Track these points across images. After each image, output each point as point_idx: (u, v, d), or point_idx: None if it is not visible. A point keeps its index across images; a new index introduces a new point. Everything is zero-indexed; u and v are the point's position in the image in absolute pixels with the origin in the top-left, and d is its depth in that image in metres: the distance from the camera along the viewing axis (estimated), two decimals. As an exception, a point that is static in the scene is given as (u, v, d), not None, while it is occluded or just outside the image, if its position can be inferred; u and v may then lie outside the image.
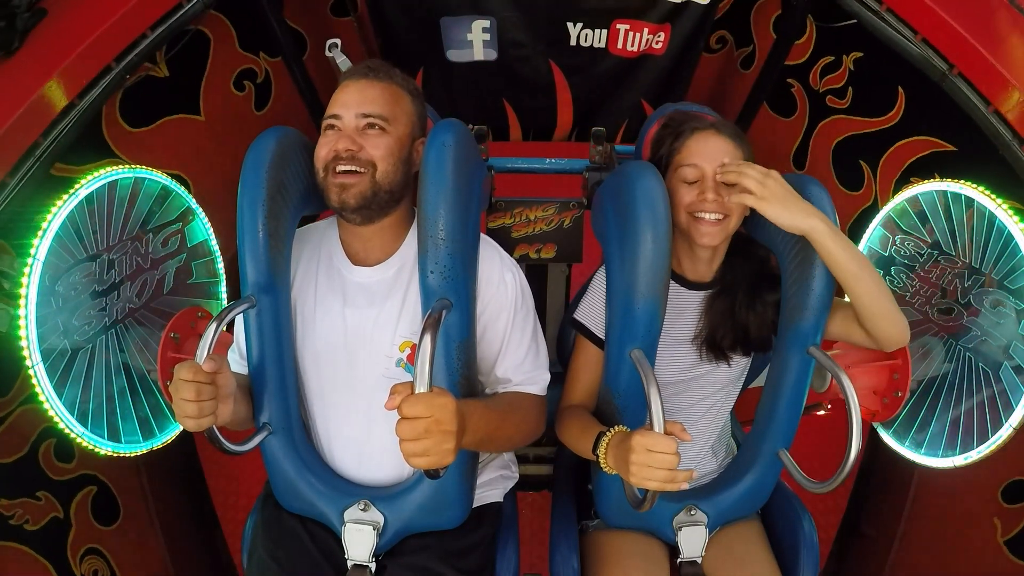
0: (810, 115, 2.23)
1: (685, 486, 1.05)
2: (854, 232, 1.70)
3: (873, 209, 1.67)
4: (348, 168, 1.16)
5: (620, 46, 2.40)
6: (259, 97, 2.20)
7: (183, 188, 1.54)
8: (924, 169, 1.77)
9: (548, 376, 1.31)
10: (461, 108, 2.63)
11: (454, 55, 2.44)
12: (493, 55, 2.43)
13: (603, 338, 1.31)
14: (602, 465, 1.14)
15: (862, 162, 1.99)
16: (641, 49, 2.40)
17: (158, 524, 1.87)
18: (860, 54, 1.96)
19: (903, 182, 1.83)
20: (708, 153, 1.23)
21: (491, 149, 1.76)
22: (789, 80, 2.26)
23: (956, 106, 1.49)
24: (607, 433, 1.14)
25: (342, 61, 1.96)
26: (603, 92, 2.60)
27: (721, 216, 1.22)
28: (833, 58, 2.07)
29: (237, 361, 1.30)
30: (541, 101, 2.63)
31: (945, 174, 1.51)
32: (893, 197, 1.56)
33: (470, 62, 2.46)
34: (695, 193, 1.22)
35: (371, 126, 1.18)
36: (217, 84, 2.00)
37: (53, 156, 1.34)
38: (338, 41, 1.98)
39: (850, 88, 2.03)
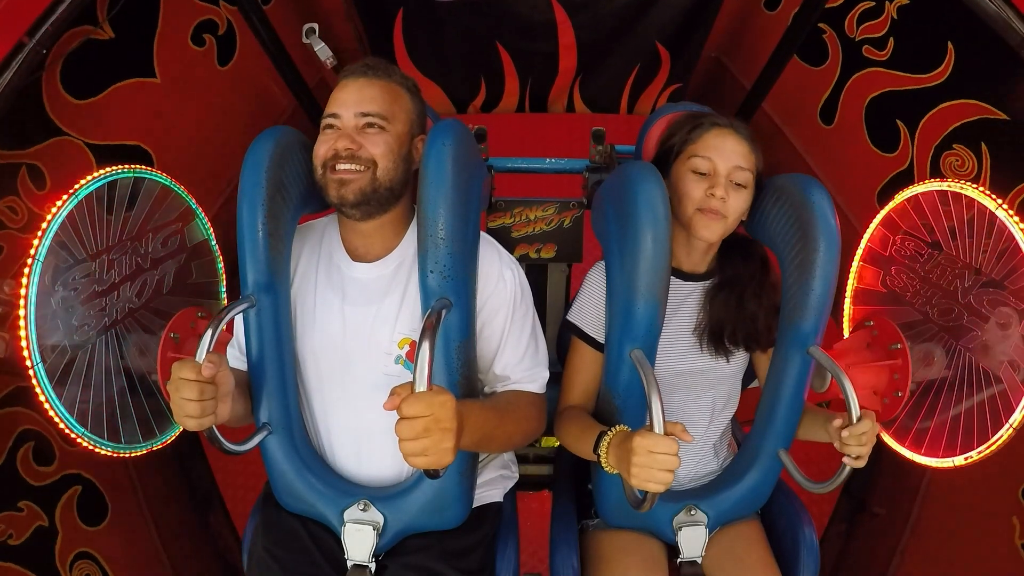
0: (843, 65, 2.03)
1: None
2: (883, 198, 1.54)
3: (908, 175, 1.53)
4: (348, 166, 1.16)
5: None
6: (222, 51, 2.01)
7: (174, 181, 1.49)
8: (969, 137, 1.62)
9: (547, 374, 1.31)
10: (449, 55, 2.39)
11: None
12: None
13: (595, 338, 1.32)
14: (603, 465, 1.14)
15: (899, 122, 1.83)
16: None
17: (149, 515, 1.80)
18: (906, 0, 1.78)
19: (944, 149, 1.67)
20: (725, 151, 1.23)
21: (487, 120, 1.66)
22: (821, 25, 2.05)
23: (1016, 69, 1.34)
24: (608, 433, 1.14)
25: (320, 48, 1.88)
26: (612, 33, 2.33)
27: (725, 215, 1.23)
28: (874, 3, 1.88)
29: (236, 356, 1.30)
30: (540, 44, 2.37)
31: (993, 145, 1.38)
32: (930, 165, 1.44)
33: (457, 1, 2.20)
34: (703, 188, 1.22)
35: (370, 125, 1.18)
36: (172, 40, 1.82)
37: None
38: (315, 26, 1.89)
39: (891, 39, 1.85)
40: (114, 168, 1.34)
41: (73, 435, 1.25)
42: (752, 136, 1.27)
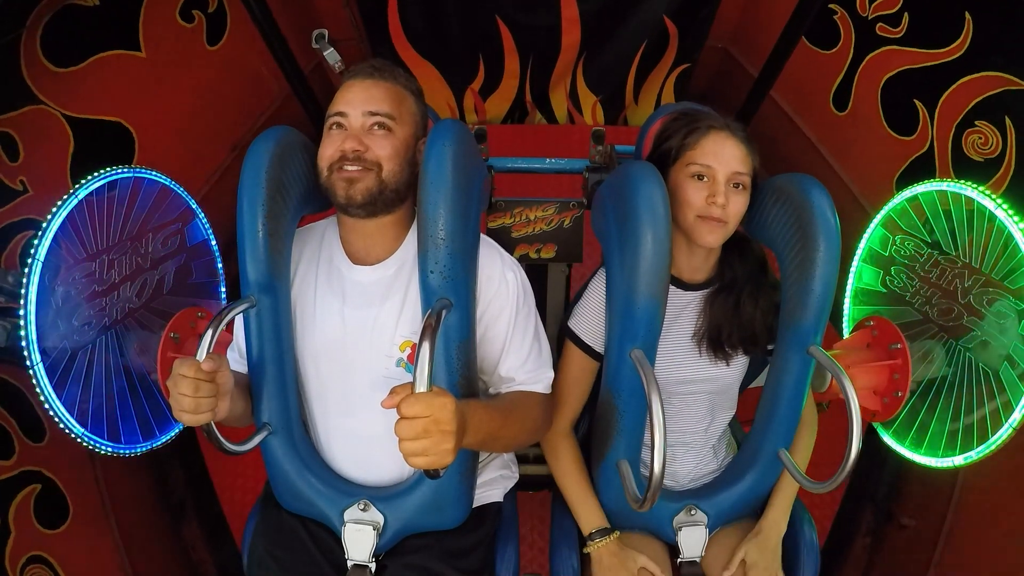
0: (856, 47, 1.93)
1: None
2: (902, 185, 1.45)
3: (928, 158, 1.43)
4: (354, 167, 1.16)
5: None
6: (212, 30, 1.90)
7: (174, 181, 1.48)
8: (991, 111, 1.51)
9: (551, 374, 1.31)
10: (447, 31, 2.28)
11: None
12: None
13: (592, 347, 1.32)
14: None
15: (917, 102, 1.73)
16: None
17: (114, 521, 1.68)
18: None
19: (966, 126, 1.58)
20: (723, 156, 1.22)
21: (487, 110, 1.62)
22: (832, 6, 1.97)
23: None
24: (600, 541, 1.30)
25: (329, 53, 1.85)
26: (617, 7, 2.22)
27: (726, 221, 1.23)
28: None
29: (236, 360, 1.30)
30: (542, 17, 2.23)
31: (1018, 118, 1.31)
32: (951, 148, 1.35)
33: None
34: (703, 195, 1.21)
35: (377, 125, 1.18)
36: (160, 14, 1.72)
37: None
38: (325, 32, 1.86)
39: (905, 14, 1.75)
40: (114, 168, 1.34)
41: (73, 435, 1.25)
42: (748, 137, 1.26)
